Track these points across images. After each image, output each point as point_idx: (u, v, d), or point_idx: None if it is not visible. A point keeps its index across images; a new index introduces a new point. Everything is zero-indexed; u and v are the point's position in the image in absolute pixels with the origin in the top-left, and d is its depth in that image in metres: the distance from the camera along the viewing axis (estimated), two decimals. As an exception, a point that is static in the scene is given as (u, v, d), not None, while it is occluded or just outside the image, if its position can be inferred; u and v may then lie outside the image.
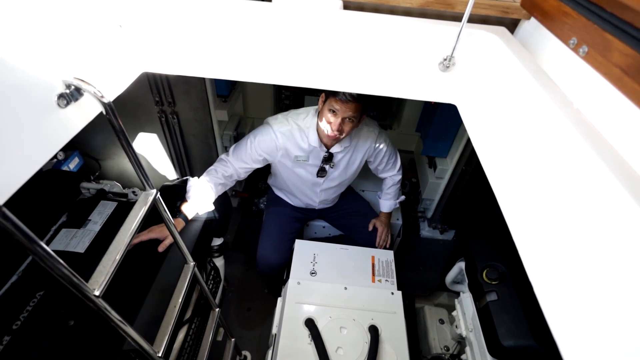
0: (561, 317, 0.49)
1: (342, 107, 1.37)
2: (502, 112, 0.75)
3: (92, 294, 0.63)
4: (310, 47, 0.88)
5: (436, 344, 1.84)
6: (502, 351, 1.22)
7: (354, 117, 1.41)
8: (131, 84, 0.91)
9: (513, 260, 1.39)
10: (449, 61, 0.84)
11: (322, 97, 1.46)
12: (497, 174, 0.73)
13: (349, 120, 1.42)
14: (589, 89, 0.60)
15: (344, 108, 1.37)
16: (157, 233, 1.34)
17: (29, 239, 0.51)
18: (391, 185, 1.88)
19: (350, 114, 1.39)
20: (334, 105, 1.38)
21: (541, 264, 0.55)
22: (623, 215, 0.43)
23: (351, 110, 1.38)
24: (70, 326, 1.08)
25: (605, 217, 0.45)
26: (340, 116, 1.39)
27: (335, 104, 1.38)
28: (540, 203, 0.58)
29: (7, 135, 0.54)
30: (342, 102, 1.36)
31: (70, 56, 0.70)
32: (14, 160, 0.55)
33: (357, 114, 1.40)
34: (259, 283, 2.21)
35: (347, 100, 1.35)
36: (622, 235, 0.42)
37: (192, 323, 1.37)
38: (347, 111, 1.38)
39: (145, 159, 2.11)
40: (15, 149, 0.56)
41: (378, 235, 1.87)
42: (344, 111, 1.38)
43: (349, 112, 1.38)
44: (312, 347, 1.31)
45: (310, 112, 1.59)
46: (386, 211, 1.92)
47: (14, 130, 0.56)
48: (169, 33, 0.88)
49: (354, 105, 1.37)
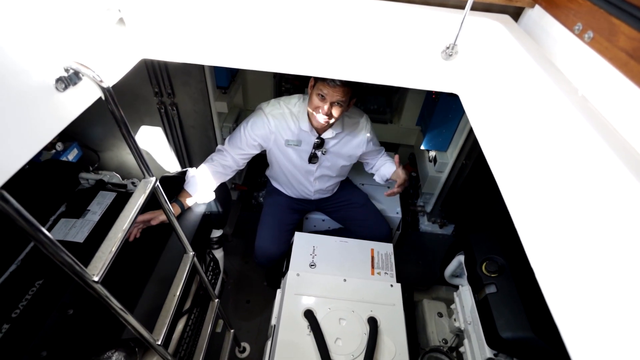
0: (567, 310, 0.48)
1: (330, 91, 1.36)
2: (505, 101, 0.74)
3: (90, 279, 0.63)
4: (311, 35, 0.87)
5: (434, 337, 1.85)
6: (500, 343, 1.22)
7: (342, 102, 1.40)
8: (130, 74, 0.90)
9: (512, 253, 1.40)
10: (452, 49, 0.84)
11: (311, 81, 1.45)
12: (501, 164, 0.72)
13: (338, 104, 1.41)
14: (595, 75, 0.59)
15: (332, 92, 1.36)
16: (150, 214, 1.35)
17: (29, 223, 0.51)
18: (379, 158, 1.84)
19: (338, 98, 1.38)
20: (322, 90, 1.38)
21: (546, 256, 0.54)
22: (632, 204, 0.42)
23: (339, 95, 1.37)
24: (69, 315, 1.08)
25: (614, 207, 0.45)
26: (329, 100, 1.39)
27: (324, 89, 1.37)
28: (546, 193, 0.57)
29: (5, 118, 0.54)
30: (330, 86, 1.35)
31: (68, 41, 0.69)
32: (12, 142, 0.55)
33: (345, 97, 1.40)
34: (258, 275, 2.21)
35: (335, 85, 1.34)
36: (630, 224, 0.42)
37: (191, 313, 1.37)
38: (335, 95, 1.37)
39: (145, 150, 2.10)
40: (14, 131, 0.55)
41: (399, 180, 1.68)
42: (332, 95, 1.37)
43: (337, 97, 1.37)
44: (311, 338, 1.31)
45: (302, 97, 1.60)
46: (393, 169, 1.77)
47: (12, 113, 0.55)
48: (168, 19, 0.87)
49: (342, 90, 1.36)
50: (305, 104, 1.55)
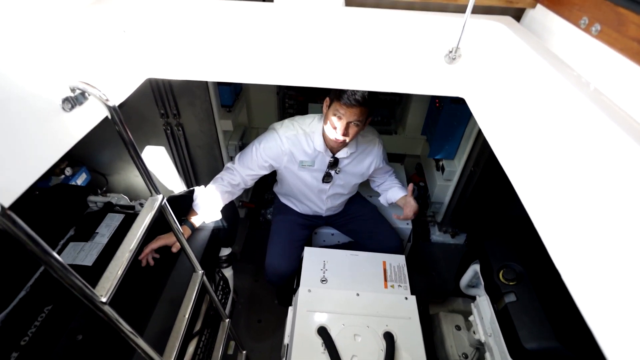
0: (603, 318, 0.45)
1: (346, 111, 1.35)
2: (515, 100, 0.73)
3: (98, 300, 0.61)
4: (314, 46, 0.88)
5: (454, 351, 1.78)
6: (524, 355, 1.16)
7: (359, 121, 1.39)
8: (137, 96, 0.91)
9: (530, 259, 1.35)
10: (455, 53, 0.83)
11: (327, 101, 1.45)
12: (515, 165, 0.70)
13: (354, 124, 1.40)
14: (606, 67, 0.58)
15: (348, 112, 1.35)
16: (166, 240, 1.34)
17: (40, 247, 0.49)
18: (387, 178, 1.85)
19: (355, 118, 1.37)
20: (339, 110, 1.36)
21: (573, 257, 0.51)
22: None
23: (356, 115, 1.36)
24: (78, 341, 1.06)
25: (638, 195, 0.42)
26: (345, 120, 1.38)
27: (340, 109, 1.36)
28: (567, 191, 0.54)
29: (14, 138, 0.54)
30: (346, 106, 1.34)
31: (74, 61, 0.70)
32: (20, 162, 0.55)
33: (362, 117, 1.38)
34: (268, 294, 2.17)
35: (351, 105, 1.33)
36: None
37: (202, 335, 1.33)
38: (352, 115, 1.36)
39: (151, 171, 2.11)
40: (22, 151, 0.55)
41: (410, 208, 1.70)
42: (349, 115, 1.36)
43: (354, 117, 1.36)
44: (326, 356, 1.26)
45: (316, 117, 1.59)
46: (401, 195, 1.80)
47: (20, 133, 0.55)
48: (172, 38, 0.88)
49: (359, 110, 1.35)
50: (320, 123, 1.54)
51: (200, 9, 0.85)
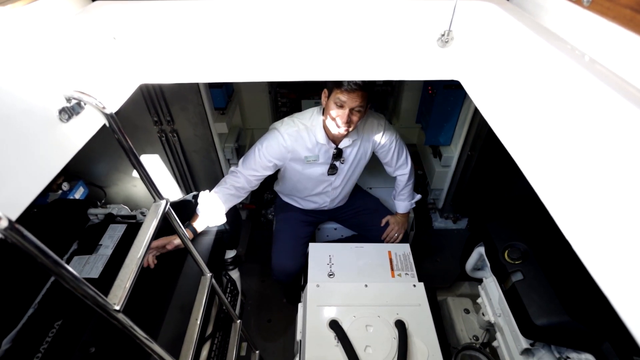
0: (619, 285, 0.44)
1: (348, 97, 1.35)
2: (511, 79, 0.73)
3: (112, 308, 0.61)
4: (305, 38, 0.87)
5: (464, 334, 1.80)
6: (536, 331, 1.18)
7: (360, 107, 1.39)
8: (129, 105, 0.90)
9: (533, 237, 1.36)
10: (447, 36, 0.83)
11: (325, 92, 1.44)
12: (517, 142, 0.70)
13: (357, 111, 1.40)
14: (599, 37, 0.58)
15: (350, 98, 1.35)
16: (165, 239, 1.35)
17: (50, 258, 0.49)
18: (403, 187, 1.84)
19: (357, 104, 1.37)
20: (340, 97, 1.36)
21: (586, 231, 0.50)
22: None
23: (358, 100, 1.36)
24: (91, 353, 1.06)
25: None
26: (348, 107, 1.37)
27: (342, 96, 1.35)
28: (573, 164, 0.54)
29: (13, 153, 0.53)
30: (347, 92, 1.33)
31: (67, 71, 0.69)
32: (21, 177, 0.54)
33: (363, 103, 1.38)
34: (276, 293, 2.17)
35: (352, 90, 1.33)
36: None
37: (214, 338, 1.33)
38: (354, 101, 1.35)
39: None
40: (25, 165, 0.55)
41: (386, 231, 1.84)
42: (351, 101, 1.36)
43: (356, 102, 1.36)
44: (339, 349, 1.27)
45: (314, 110, 1.58)
46: (402, 212, 1.89)
47: (19, 148, 0.54)
48: (162, 41, 0.88)
49: (360, 94, 1.34)
50: (319, 116, 1.54)
51: (186, 9, 0.84)
